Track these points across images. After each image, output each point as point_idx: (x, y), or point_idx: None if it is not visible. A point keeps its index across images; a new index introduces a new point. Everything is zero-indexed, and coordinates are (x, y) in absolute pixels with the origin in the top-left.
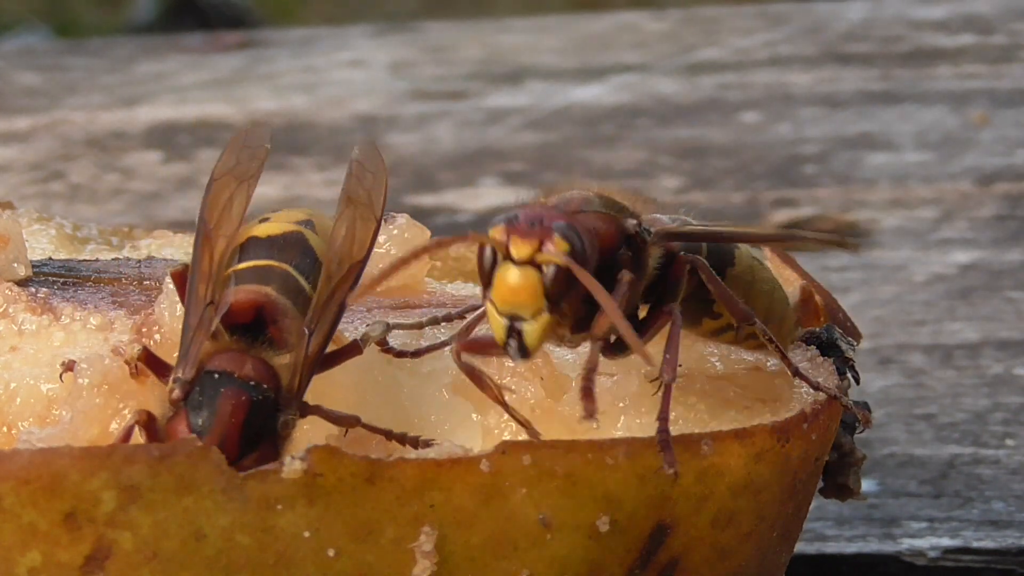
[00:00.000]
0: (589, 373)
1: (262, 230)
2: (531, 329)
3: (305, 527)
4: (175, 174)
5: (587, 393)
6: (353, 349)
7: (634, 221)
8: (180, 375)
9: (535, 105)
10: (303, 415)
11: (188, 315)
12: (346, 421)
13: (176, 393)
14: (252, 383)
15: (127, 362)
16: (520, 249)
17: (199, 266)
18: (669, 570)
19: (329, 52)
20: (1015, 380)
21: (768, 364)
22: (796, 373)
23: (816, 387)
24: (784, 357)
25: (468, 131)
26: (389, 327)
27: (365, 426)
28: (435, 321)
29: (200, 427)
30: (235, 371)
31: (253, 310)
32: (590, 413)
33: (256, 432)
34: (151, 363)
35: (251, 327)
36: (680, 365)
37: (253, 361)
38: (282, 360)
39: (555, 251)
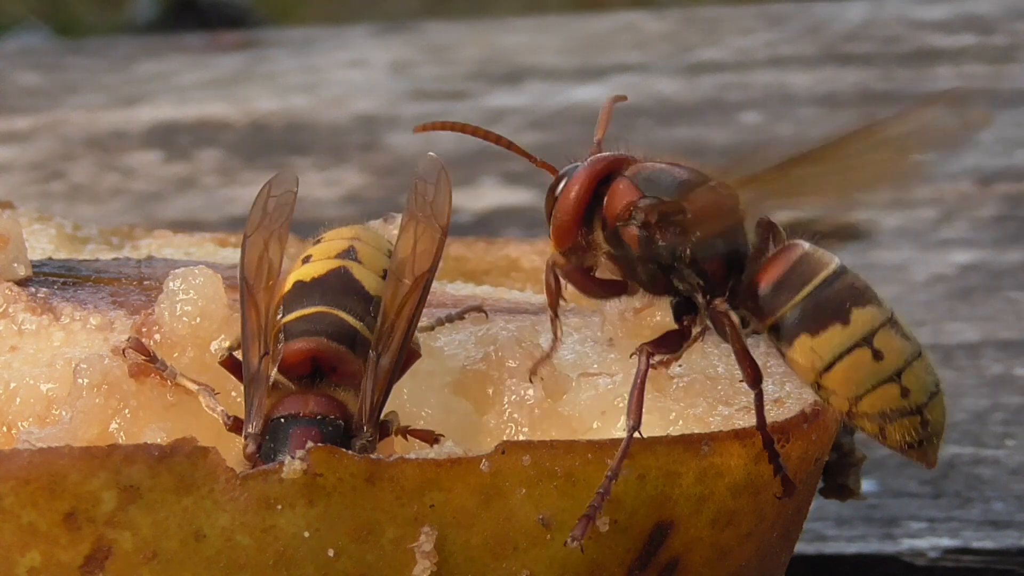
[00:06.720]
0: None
1: (306, 272)
2: None
3: (305, 527)
4: (175, 174)
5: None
6: (413, 355)
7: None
8: (250, 430)
9: (535, 105)
10: (383, 436)
11: (245, 372)
12: (427, 437)
13: (250, 448)
14: (318, 417)
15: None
16: None
17: (248, 325)
18: (669, 570)
19: (329, 52)
20: (1015, 380)
21: (769, 365)
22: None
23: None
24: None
25: None
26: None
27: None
28: (440, 323)
29: None
30: (299, 411)
31: (309, 361)
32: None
33: None
34: (144, 355)
35: (312, 375)
36: (680, 365)
37: (315, 398)
38: (347, 392)
39: None
